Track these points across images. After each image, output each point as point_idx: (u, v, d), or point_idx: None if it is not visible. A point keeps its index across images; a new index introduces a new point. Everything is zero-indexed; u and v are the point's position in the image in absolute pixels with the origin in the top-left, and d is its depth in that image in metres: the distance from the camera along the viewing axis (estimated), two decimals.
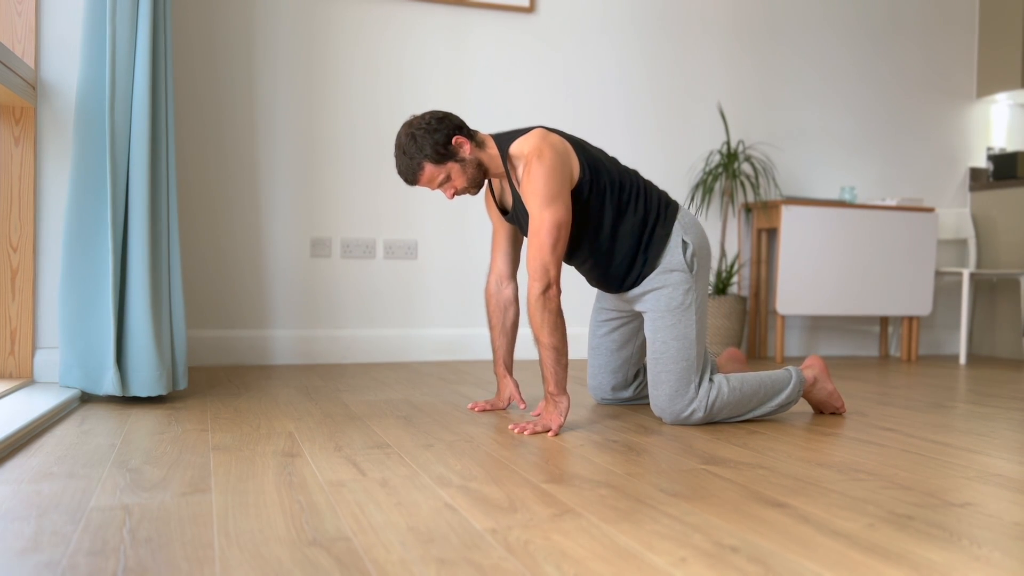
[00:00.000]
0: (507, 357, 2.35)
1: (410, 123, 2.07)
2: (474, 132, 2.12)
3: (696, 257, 2.18)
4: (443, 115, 2.07)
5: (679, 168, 4.04)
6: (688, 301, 2.16)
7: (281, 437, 1.92)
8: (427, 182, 2.08)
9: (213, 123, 3.34)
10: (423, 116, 2.07)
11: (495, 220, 2.32)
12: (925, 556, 1.17)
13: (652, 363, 2.17)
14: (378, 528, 1.25)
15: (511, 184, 2.13)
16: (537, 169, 1.99)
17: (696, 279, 2.18)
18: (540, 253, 1.99)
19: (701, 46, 4.07)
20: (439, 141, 2.03)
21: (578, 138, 2.17)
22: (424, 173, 2.06)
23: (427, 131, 2.03)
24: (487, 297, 2.34)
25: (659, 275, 2.17)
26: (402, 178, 2.10)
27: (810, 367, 2.34)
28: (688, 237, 2.18)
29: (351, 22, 3.51)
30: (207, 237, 3.33)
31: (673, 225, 2.18)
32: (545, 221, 1.99)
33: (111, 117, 2.27)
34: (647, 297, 2.20)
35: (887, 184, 4.46)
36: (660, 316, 2.16)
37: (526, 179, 2.02)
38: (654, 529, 1.27)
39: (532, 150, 2.02)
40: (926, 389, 3.04)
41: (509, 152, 2.08)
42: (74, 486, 1.46)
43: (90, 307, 2.29)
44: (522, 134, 2.09)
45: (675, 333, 2.14)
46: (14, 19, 2.47)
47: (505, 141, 2.10)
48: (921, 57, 4.52)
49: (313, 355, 3.44)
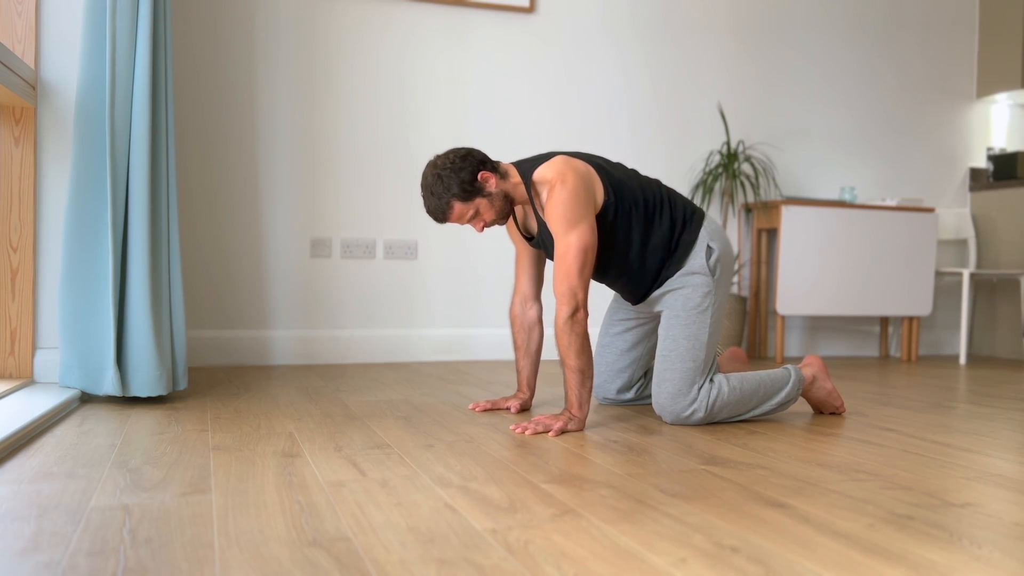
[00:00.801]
0: (531, 379, 2.35)
1: (435, 163, 2.08)
2: (497, 164, 2.13)
3: (720, 263, 2.20)
4: (466, 152, 2.08)
5: (679, 168, 4.04)
6: (706, 304, 2.17)
7: (281, 437, 1.92)
8: (456, 219, 2.10)
9: (213, 123, 3.34)
10: (447, 155, 2.08)
11: (518, 243, 2.33)
12: (925, 556, 1.17)
13: (660, 360, 2.18)
14: (378, 528, 1.25)
15: (535, 210, 2.15)
16: (561, 193, 2.01)
17: (717, 284, 2.20)
18: (567, 278, 2.01)
19: (701, 46, 4.07)
20: (465, 180, 2.05)
21: (598, 158, 2.17)
22: (454, 211, 2.08)
23: (453, 170, 2.05)
24: (512, 318, 2.34)
25: (681, 276, 2.19)
26: (431, 217, 2.12)
27: (809, 366, 2.35)
28: (714, 243, 2.20)
29: (351, 22, 3.51)
30: (207, 237, 3.33)
31: (699, 231, 2.20)
32: (572, 245, 2.01)
33: (111, 117, 2.27)
34: (667, 297, 2.21)
35: (887, 184, 4.46)
36: (676, 315, 2.18)
37: (550, 204, 2.03)
38: (654, 529, 1.27)
39: (556, 175, 2.03)
40: (926, 389, 3.04)
41: (532, 179, 2.09)
42: (74, 486, 1.46)
43: (90, 307, 2.29)
44: (543, 160, 2.11)
45: (687, 333, 2.15)
46: (14, 19, 2.47)
47: (528, 168, 2.12)
48: (921, 57, 4.52)
49: (313, 355, 3.44)
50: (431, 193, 2.07)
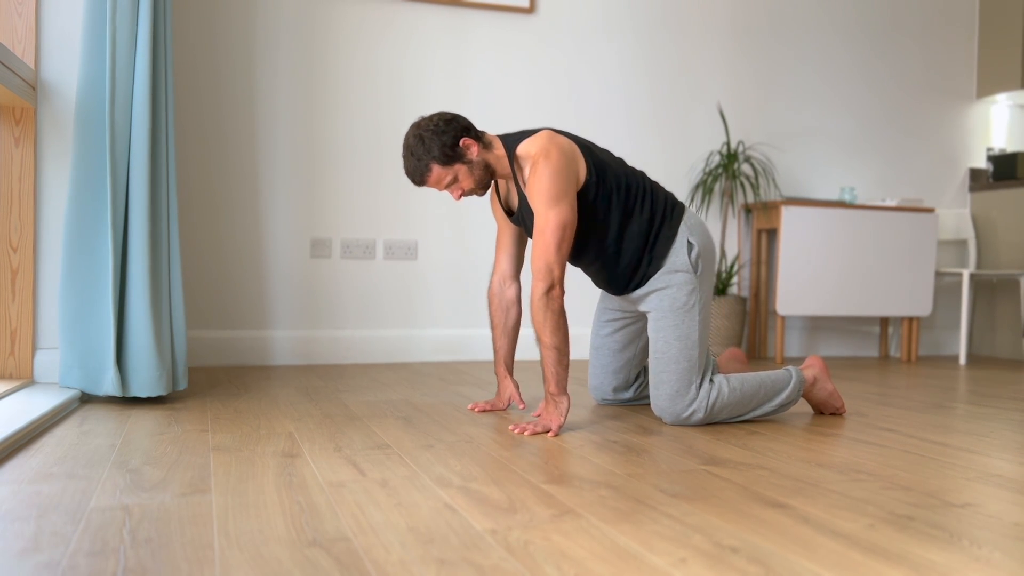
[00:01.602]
0: (508, 358, 2.35)
1: (418, 124, 2.07)
2: (481, 133, 2.12)
3: (701, 259, 2.19)
4: (451, 117, 2.08)
5: (679, 168, 4.04)
6: (692, 302, 2.16)
7: (281, 438, 1.92)
8: (434, 183, 2.09)
9: (213, 123, 3.34)
10: (431, 117, 2.08)
11: (500, 220, 2.32)
12: (925, 557, 1.17)
13: (654, 363, 2.18)
14: (378, 528, 1.25)
15: (517, 185, 2.13)
16: (543, 169, 2.00)
17: (700, 280, 2.18)
18: (544, 253, 1.99)
19: (701, 46, 4.07)
20: (447, 143, 2.04)
21: (585, 140, 2.17)
22: (431, 174, 2.07)
23: (435, 133, 2.04)
24: (490, 297, 2.34)
25: (664, 275, 2.17)
26: (409, 179, 2.11)
27: (810, 367, 2.35)
28: (694, 238, 2.19)
29: (351, 22, 3.51)
30: (207, 237, 3.33)
31: (679, 226, 2.19)
32: (550, 221, 1.99)
33: (111, 118, 2.27)
34: (651, 297, 2.20)
35: (887, 185, 4.46)
36: (663, 316, 2.16)
37: (532, 179, 2.02)
38: (654, 530, 1.27)
39: (539, 151, 2.02)
40: (926, 390, 3.04)
41: (516, 153, 2.09)
42: (74, 487, 1.46)
43: (90, 307, 2.29)
44: (529, 135, 2.10)
45: (678, 333, 2.14)
46: (14, 20, 2.47)
47: (512, 142, 2.11)
48: (921, 58, 4.52)
49: (313, 356, 3.44)
50: (411, 154, 2.06)
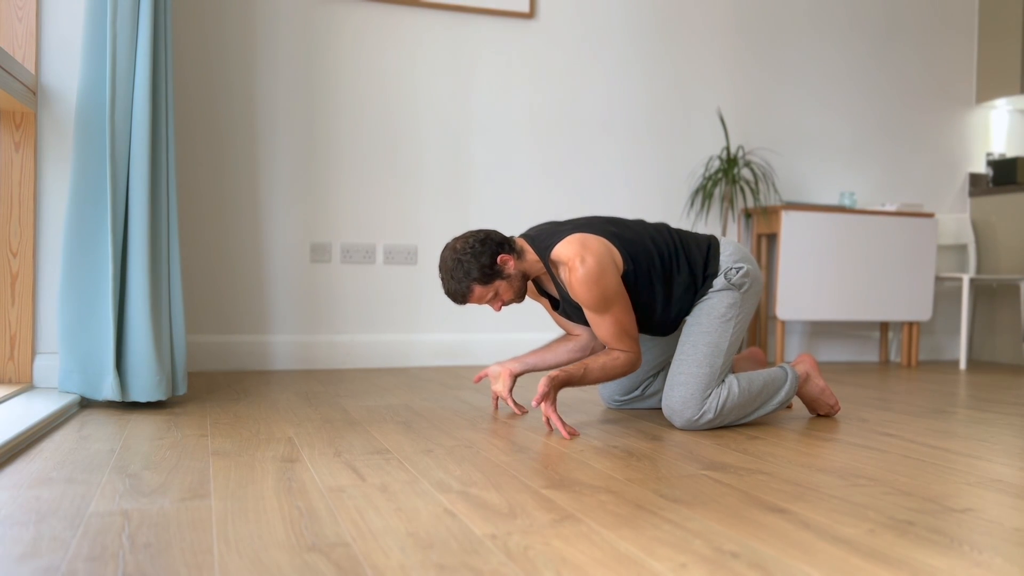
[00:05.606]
0: (539, 363, 2.39)
1: (453, 248, 2.11)
2: (512, 242, 2.16)
3: (749, 277, 2.22)
4: (484, 236, 2.11)
5: (679, 173, 4.04)
6: (730, 315, 2.18)
7: (281, 442, 1.91)
8: (476, 301, 2.15)
9: (213, 129, 3.34)
10: (465, 238, 2.11)
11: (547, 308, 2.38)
12: (926, 562, 1.17)
13: (677, 363, 2.19)
14: (377, 534, 1.25)
15: (555, 283, 2.19)
16: (583, 278, 2.03)
17: (743, 298, 2.22)
18: (618, 343, 2.11)
19: (701, 51, 4.08)
20: (485, 264, 2.09)
21: (608, 227, 2.17)
22: (474, 295, 2.12)
23: (472, 255, 2.08)
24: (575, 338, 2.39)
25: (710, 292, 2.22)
26: (451, 299, 2.16)
27: (801, 363, 2.39)
28: (740, 263, 2.22)
29: (351, 27, 3.52)
30: (207, 242, 3.33)
31: (719, 262, 2.22)
32: (610, 326, 2.09)
33: (111, 122, 2.27)
34: (693, 310, 2.24)
35: (887, 189, 4.46)
36: (698, 322, 2.20)
37: (575, 287, 2.05)
38: (654, 535, 1.27)
39: (573, 255, 2.05)
40: (926, 394, 3.03)
41: (551, 258, 2.12)
42: (73, 491, 1.46)
43: (90, 312, 2.29)
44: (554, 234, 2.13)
45: (708, 339, 2.16)
46: (15, 24, 2.47)
47: (543, 246, 2.14)
48: (920, 63, 4.52)
49: (313, 360, 3.44)
50: (451, 277, 2.10)
